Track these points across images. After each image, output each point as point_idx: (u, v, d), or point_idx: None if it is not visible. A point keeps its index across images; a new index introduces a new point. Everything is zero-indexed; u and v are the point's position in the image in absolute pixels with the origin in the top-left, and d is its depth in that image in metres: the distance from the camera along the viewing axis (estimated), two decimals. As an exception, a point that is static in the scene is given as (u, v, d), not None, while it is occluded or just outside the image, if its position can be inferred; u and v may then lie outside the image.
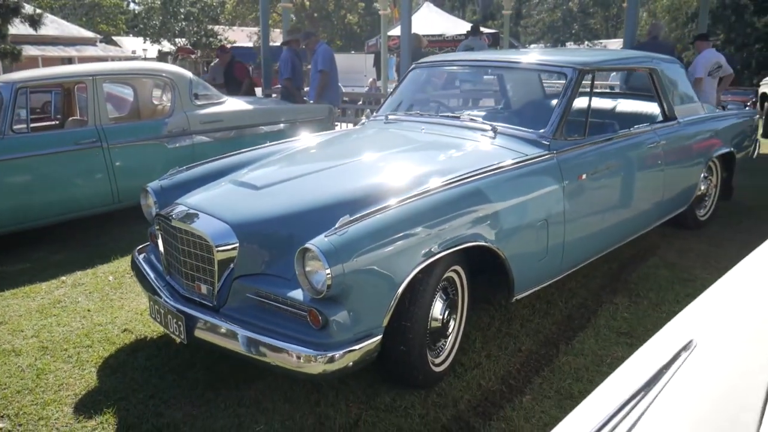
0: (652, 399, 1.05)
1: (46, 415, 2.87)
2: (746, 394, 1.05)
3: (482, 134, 3.56)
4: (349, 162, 3.39)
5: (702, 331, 1.26)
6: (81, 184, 5.45)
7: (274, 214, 2.82)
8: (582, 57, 3.86)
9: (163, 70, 6.23)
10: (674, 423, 1.01)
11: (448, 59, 4.52)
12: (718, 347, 1.20)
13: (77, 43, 30.50)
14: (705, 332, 1.25)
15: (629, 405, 1.03)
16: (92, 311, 3.99)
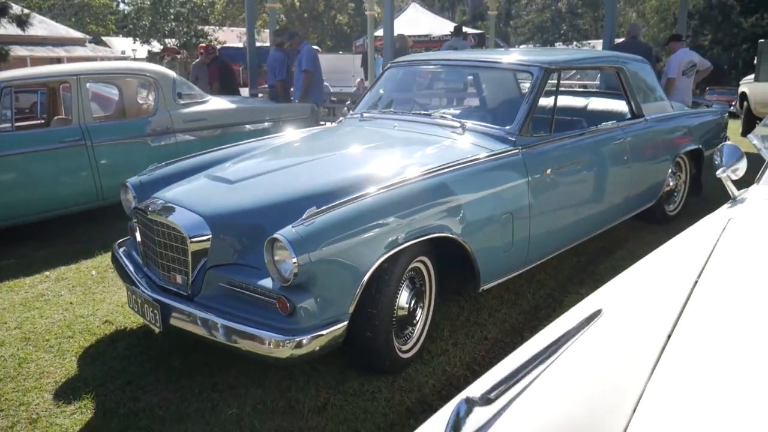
0: (554, 359, 1.18)
1: (26, 401, 2.98)
2: (641, 357, 1.18)
3: (451, 131, 3.69)
4: (320, 157, 3.52)
5: (612, 302, 1.39)
6: (65, 181, 5.55)
7: (246, 206, 2.94)
8: (549, 56, 4.00)
9: (147, 69, 6.33)
10: (571, 382, 1.14)
11: (422, 59, 4.65)
12: (621, 316, 1.33)
13: (66, 43, 30.43)
14: (614, 303, 1.39)
15: (532, 365, 1.16)
16: (74, 304, 4.09)
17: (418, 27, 16.26)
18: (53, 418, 2.83)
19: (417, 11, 18.11)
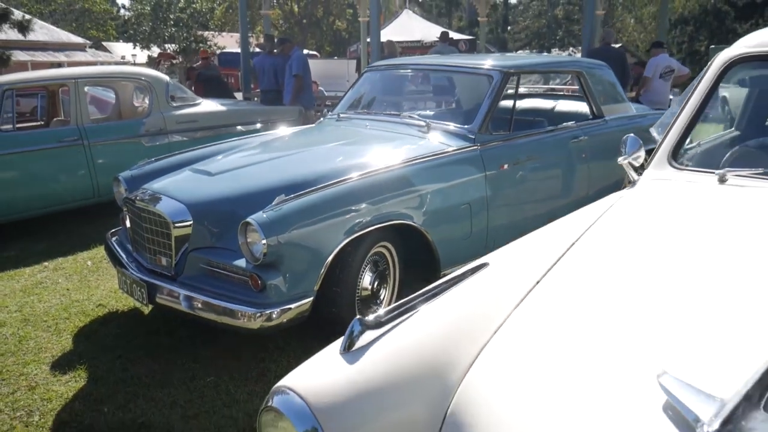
0: (439, 298, 1.51)
1: (26, 372, 3.30)
2: (509, 298, 1.51)
3: (417, 129, 4.01)
4: (294, 153, 3.86)
5: (499, 258, 1.72)
6: (64, 179, 5.88)
7: (223, 195, 3.27)
8: (509, 62, 4.33)
9: (141, 73, 6.67)
10: (444, 313, 1.46)
11: (396, 63, 4.99)
12: (502, 268, 1.65)
13: (67, 48, 30.82)
14: (501, 258, 1.71)
15: (419, 299, 1.49)
16: (71, 290, 4.42)
17: (410, 33, 16.64)
18: (49, 386, 3.15)
19: (410, 17, 18.52)
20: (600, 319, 1.28)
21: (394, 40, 17.55)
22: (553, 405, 1.08)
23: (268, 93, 8.79)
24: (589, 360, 1.15)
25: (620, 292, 1.40)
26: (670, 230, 1.69)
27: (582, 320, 1.31)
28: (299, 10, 44.63)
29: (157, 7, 38.16)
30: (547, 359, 1.21)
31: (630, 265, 1.53)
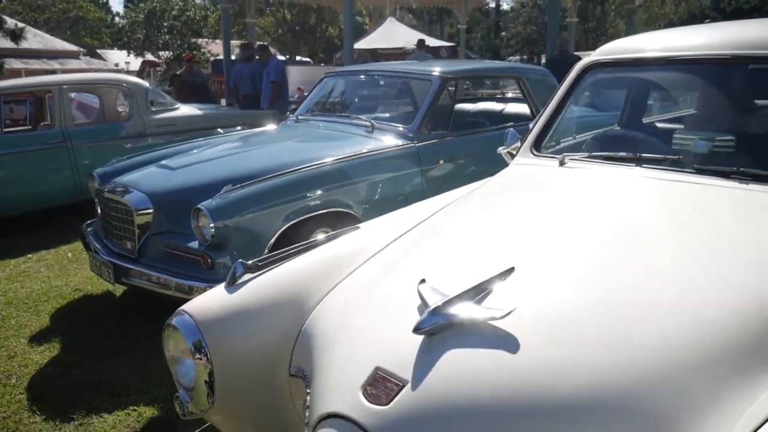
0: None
1: (6, 344, 3.72)
2: (378, 241, 1.94)
3: (364, 129, 4.44)
4: (249, 150, 4.30)
5: (372, 223, 2.16)
6: (48, 179, 6.30)
7: (180, 186, 3.71)
8: (448, 68, 4.77)
9: (123, 80, 7.12)
10: (319, 254, 1.89)
11: (351, 69, 5.43)
12: (377, 225, 2.09)
13: (60, 56, 31.17)
14: (372, 223, 2.15)
15: (294, 251, 1.92)
16: (51, 278, 4.84)
17: (393, 40, 17.15)
18: (27, 355, 3.57)
19: (393, 25, 19.05)
20: (418, 259, 1.71)
21: (378, 47, 18.10)
22: (359, 311, 1.51)
23: (247, 98, 9.23)
24: (392, 282, 1.58)
25: (444, 239, 1.83)
26: (508, 197, 2.13)
27: (406, 260, 1.73)
28: (292, 17, 45.02)
29: (151, 14, 38.63)
30: (370, 285, 1.64)
31: (464, 221, 1.96)
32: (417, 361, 1.21)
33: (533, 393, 1.12)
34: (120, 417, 2.93)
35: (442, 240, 1.81)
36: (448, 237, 1.82)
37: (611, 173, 2.09)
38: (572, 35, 10.66)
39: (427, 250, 1.74)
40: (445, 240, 1.80)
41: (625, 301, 1.29)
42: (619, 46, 2.58)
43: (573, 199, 1.99)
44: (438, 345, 1.23)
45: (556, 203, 1.98)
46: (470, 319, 1.25)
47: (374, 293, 1.57)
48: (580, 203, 1.95)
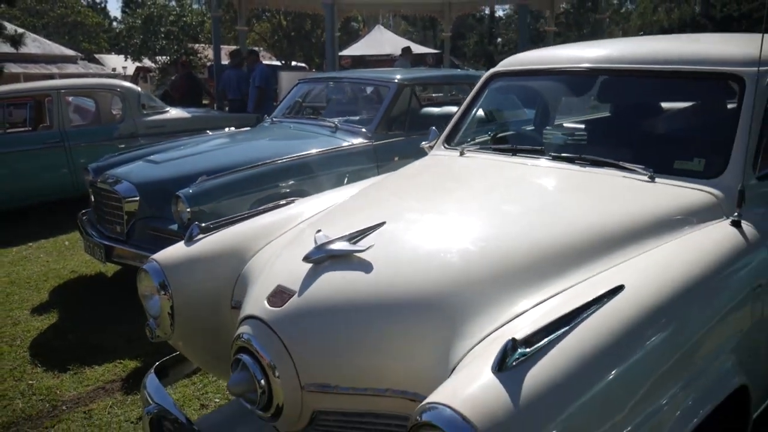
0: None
1: (11, 315, 4.28)
2: (303, 217, 2.50)
3: (328, 129, 5.01)
4: (225, 147, 4.88)
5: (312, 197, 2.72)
6: (47, 176, 6.85)
7: (163, 177, 4.27)
8: (406, 75, 5.34)
9: (117, 85, 7.68)
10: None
11: (321, 76, 6.00)
12: (311, 201, 2.65)
13: (58, 60, 31.71)
14: (313, 198, 2.71)
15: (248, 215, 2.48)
16: (50, 262, 5.40)
17: (381, 47, 17.75)
18: (29, 323, 4.13)
19: (381, 32, 19.67)
20: (325, 219, 2.25)
21: (366, 53, 18.68)
22: (277, 255, 2.07)
23: (234, 102, 9.80)
24: (303, 234, 2.13)
25: (350, 206, 2.38)
26: (411, 178, 2.70)
27: (317, 220, 2.28)
28: (288, 23, 45.48)
29: (149, 20, 39.15)
30: (290, 239, 2.20)
31: (370, 194, 2.52)
32: (304, 279, 1.78)
33: (375, 296, 1.68)
34: (108, 368, 3.49)
35: (348, 206, 2.37)
36: (353, 204, 2.39)
37: (492, 160, 2.67)
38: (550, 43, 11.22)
39: (334, 213, 2.30)
40: (350, 206, 2.37)
41: (451, 240, 1.86)
42: (518, 59, 3.15)
43: (454, 178, 2.56)
44: (319, 269, 1.79)
45: (441, 181, 2.55)
46: (342, 251, 1.81)
47: (290, 243, 2.13)
48: (457, 180, 2.52)
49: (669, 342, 1.55)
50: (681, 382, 1.56)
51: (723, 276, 1.81)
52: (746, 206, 2.08)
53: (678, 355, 1.57)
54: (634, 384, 1.44)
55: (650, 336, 1.51)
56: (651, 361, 1.49)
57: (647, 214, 2.02)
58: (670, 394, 1.51)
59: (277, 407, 1.71)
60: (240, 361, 1.74)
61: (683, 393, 1.56)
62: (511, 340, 1.33)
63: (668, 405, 1.50)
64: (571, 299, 1.55)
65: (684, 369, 1.58)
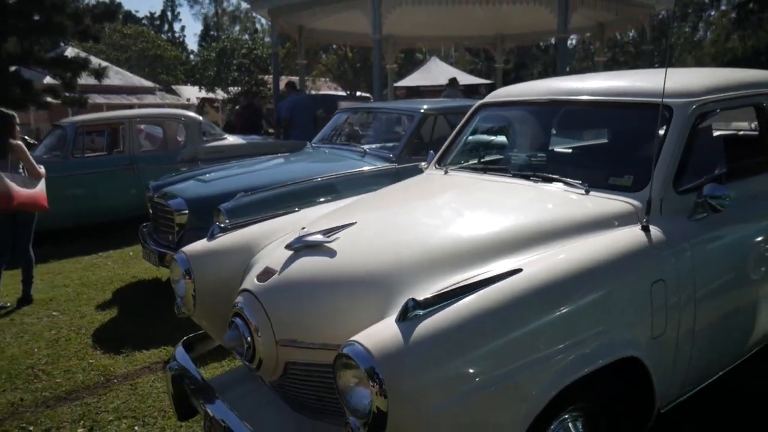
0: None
1: (80, 310, 4.99)
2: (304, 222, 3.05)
3: (358, 154, 5.58)
4: (264, 168, 5.50)
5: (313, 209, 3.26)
6: (118, 195, 7.71)
7: (209, 194, 4.92)
8: (430, 105, 5.87)
9: (181, 114, 8.54)
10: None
11: (358, 107, 6.61)
12: (314, 210, 3.19)
13: (138, 92, 33.81)
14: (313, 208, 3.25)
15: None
16: (115, 269, 6.16)
17: (435, 78, 18.38)
18: (93, 316, 4.83)
19: (436, 64, 20.43)
20: (315, 222, 2.79)
21: (420, 84, 19.35)
22: (274, 246, 2.61)
23: (287, 130, 10.56)
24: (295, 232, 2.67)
25: (341, 211, 2.90)
26: (399, 190, 3.21)
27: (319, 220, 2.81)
28: (353, 55, 46.92)
29: (222, 53, 41.36)
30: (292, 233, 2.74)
31: (361, 202, 3.04)
32: (284, 262, 2.31)
33: (333, 274, 2.20)
34: (154, 353, 4.11)
35: (336, 212, 2.90)
36: (341, 210, 2.92)
37: (465, 177, 3.15)
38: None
39: (324, 217, 2.83)
40: (338, 212, 2.90)
41: (397, 235, 2.37)
42: (501, 91, 3.65)
43: (427, 191, 3.06)
44: (296, 254, 2.32)
45: (415, 193, 3.06)
46: (315, 241, 2.34)
47: (284, 238, 2.67)
48: (428, 192, 3.02)
49: (551, 312, 1.98)
50: (562, 344, 1.98)
51: (618, 268, 2.23)
52: (664, 215, 2.50)
53: (560, 323, 2.00)
54: (515, 340, 1.89)
55: (533, 305, 1.95)
56: (530, 324, 1.93)
57: (571, 218, 2.46)
58: (547, 353, 1.94)
59: (259, 360, 2.24)
60: (233, 323, 2.29)
61: (565, 353, 1.98)
62: (411, 299, 1.82)
63: (546, 361, 1.93)
64: (477, 278, 2.02)
65: (567, 335, 2.00)
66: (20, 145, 5.14)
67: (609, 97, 2.89)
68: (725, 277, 2.64)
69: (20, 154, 5.11)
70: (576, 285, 2.09)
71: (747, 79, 3.13)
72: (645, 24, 12.26)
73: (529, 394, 1.89)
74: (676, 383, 2.53)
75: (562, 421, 2.16)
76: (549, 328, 1.97)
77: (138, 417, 3.30)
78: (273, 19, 12.86)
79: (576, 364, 2.01)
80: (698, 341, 2.52)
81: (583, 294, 2.10)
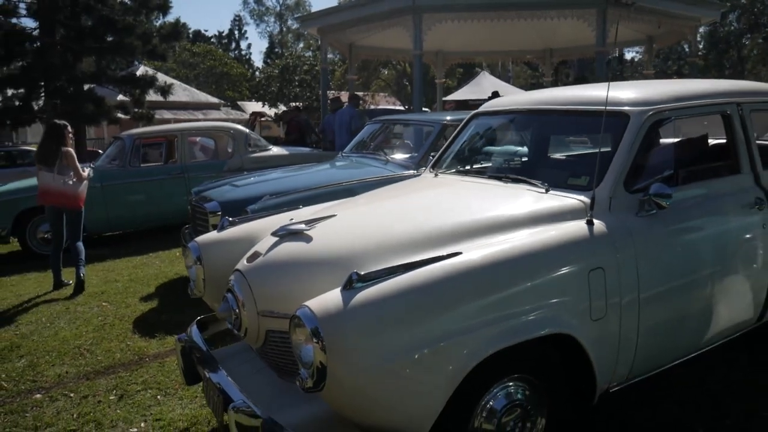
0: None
1: (126, 301, 5.56)
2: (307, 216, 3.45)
3: (381, 162, 5.97)
4: (292, 175, 5.96)
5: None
6: (170, 202, 8.35)
7: (239, 197, 5.40)
8: (450, 117, 6.20)
9: (230, 127, 9.16)
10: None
11: (386, 119, 7.01)
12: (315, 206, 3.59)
13: (203, 107, 35.34)
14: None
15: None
16: (162, 266, 6.75)
17: (483, 92, 18.61)
18: (137, 307, 5.38)
19: (486, 78, 20.68)
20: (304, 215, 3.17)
21: (469, 98, 19.62)
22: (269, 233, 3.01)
23: (332, 142, 11.09)
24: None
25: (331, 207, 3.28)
26: (391, 189, 3.56)
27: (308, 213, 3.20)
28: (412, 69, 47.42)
29: (285, 69, 42.80)
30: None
31: (354, 199, 3.42)
32: (269, 246, 2.72)
33: (306, 256, 2.58)
34: (184, 337, 4.58)
35: (326, 207, 3.29)
36: (329, 206, 3.30)
37: (449, 178, 3.49)
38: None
39: (313, 211, 3.23)
40: (327, 207, 3.28)
41: (366, 225, 2.73)
42: (494, 102, 3.96)
43: (411, 190, 3.41)
44: (280, 240, 2.72)
45: (400, 191, 3.41)
46: (296, 230, 2.73)
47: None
48: (411, 191, 3.37)
49: (481, 289, 2.29)
50: (490, 317, 2.28)
51: (554, 255, 2.52)
52: (613, 211, 2.78)
53: (489, 299, 2.30)
54: (444, 311, 2.21)
55: (464, 282, 2.27)
56: (460, 298, 2.25)
57: (525, 213, 2.76)
58: (474, 323, 2.24)
59: (245, 328, 2.64)
60: (225, 297, 2.70)
61: (492, 326, 2.27)
62: (354, 272, 2.18)
63: (473, 331, 2.23)
64: (419, 259, 2.36)
65: (496, 309, 2.30)
66: (69, 151, 5.90)
67: (574, 106, 3.18)
68: (671, 269, 2.87)
69: (69, 160, 5.86)
70: (508, 267, 2.39)
71: (712, 90, 3.36)
72: (689, 36, 12.18)
73: (455, 359, 2.20)
74: (623, 365, 2.77)
75: (505, 387, 2.46)
76: (477, 302, 2.28)
77: (162, 388, 3.75)
78: (322, 37, 13.47)
79: (503, 335, 2.31)
80: (645, 327, 2.76)
81: (514, 275, 2.40)
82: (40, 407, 3.60)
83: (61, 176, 5.84)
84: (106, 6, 17.36)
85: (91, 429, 3.32)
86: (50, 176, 5.85)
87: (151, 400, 3.61)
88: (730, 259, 3.13)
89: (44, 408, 3.59)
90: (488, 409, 2.42)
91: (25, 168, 13.13)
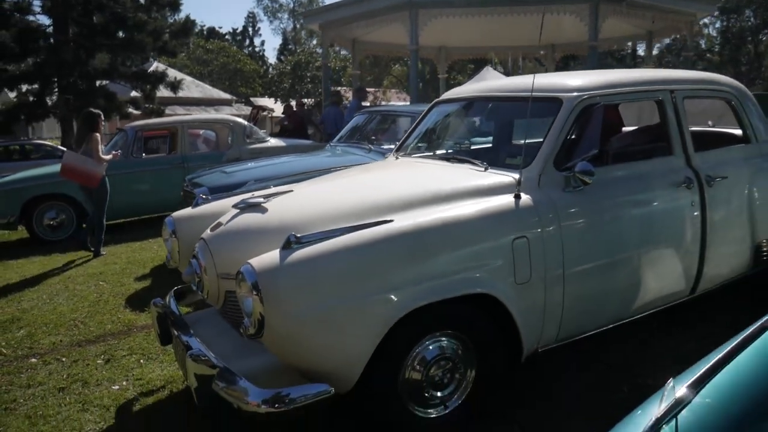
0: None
1: (122, 281, 5.92)
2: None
3: (364, 150, 6.28)
4: (280, 163, 6.28)
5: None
6: (170, 190, 8.67)
7: (229, 182, 5.72)
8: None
9: (228, 119, 9.51)
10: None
11: (372, 110, 7.31)
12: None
13: (216, 103, 35.76)
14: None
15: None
16: (159, 251, 7.11)
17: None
18: (131, 286, 5.73)
19: (489, 72, 20.84)
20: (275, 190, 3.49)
21: (473, 92, 19.83)
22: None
23: (330, 136, 11.40)
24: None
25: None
26: (357, 169, 3.87)
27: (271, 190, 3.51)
28: (424, 66, 47.72)
29: (297, 66, 43.22)
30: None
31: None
32: (230, 218, 3.04)
33: (259, 224, 2.89)
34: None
35: (290, 185, 3.60)
36: (293, 183, 3.62)
37: (403, 160, 3.79)
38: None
39: (276, 187, 3.54)
40: (291, 185, 3.60)
41: (316, 198, 3.04)
42: (454, 90, 4.25)
43: (366, 170, 3.71)
44: (240, 211, 3.04)
45: (360, 171, 3.72)
46: (254, 202, 3.05)
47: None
48: (366, 170, 3.67)
49: (406, 251, 2.59)
50: (414, 276, 2.57)
51: (479, 224, 2.81)
52: (542, 187, 3.06)
53: (414, 260, 2.60)
54: (370, 269, 2.51)
55: (390, 245, 2.58)
56: (385, 258, 2.55)
57: (462, 187, 3.05)
58: (399, 281, 2.53)
59: (207, 291, 2.96)
60: (190, 263, 3.03)
61: (416, 284, 2.56)
62: (292, 234, 2.49)
63: (398, 288, 2.53)
64: (353, 225, 2.66)
65: (420, 269, 2.59)
66: (95, 136, 6.77)
67: (514, 93, 3.47)
68: (597, 240, 3.15)
69: (93, 144, 6.68)
70: (434, 233, 2.69)
71: (647, 78, 3.63)
72: (685, 32, 12.34)
73: (381, 311, 2.50)
74: (550, 328, 3.05)
75: (437, 341, 2.75)
76: (403, 263, 2.58)
77: (145, 354, 4.10)
78: (324, 33, 13.79)
79: (427, 292, 2.60)
80: (571, 294, 3.04)
81: (439, 241, 2.69)
82: (35, 369, 3.95)
83: (83, 156, 6.69)
84: (118, 3, 17.80)
85: (78, 386, 3.67)
86: (74, 155, 6.82)
87: (134, 364, 3.95)
88: (658, 233, 3.39)
89: (38, 370, 3.94)
90: (419, 359, 2.71)
91: (39, 161, 13.58)
